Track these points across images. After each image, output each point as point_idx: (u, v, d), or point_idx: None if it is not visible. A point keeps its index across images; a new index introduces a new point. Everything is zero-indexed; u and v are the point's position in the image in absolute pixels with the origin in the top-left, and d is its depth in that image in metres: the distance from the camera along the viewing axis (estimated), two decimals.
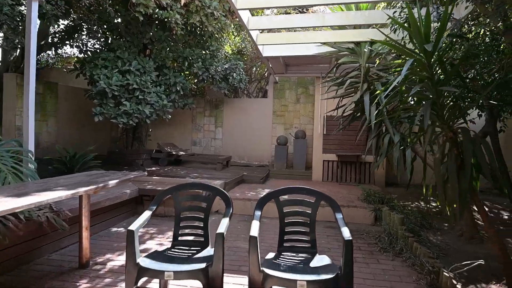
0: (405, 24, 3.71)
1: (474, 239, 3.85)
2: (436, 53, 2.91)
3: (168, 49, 7.13)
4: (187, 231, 2.61)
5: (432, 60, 2.90)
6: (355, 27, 4.94)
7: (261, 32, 5.48)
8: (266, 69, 10.16)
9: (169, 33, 6.87)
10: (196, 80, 8.97)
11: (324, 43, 5.21)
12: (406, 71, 2.82)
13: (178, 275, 2.01)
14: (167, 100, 6.68)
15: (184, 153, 8.68)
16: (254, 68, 10.58)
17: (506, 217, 4.89)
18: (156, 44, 6.95)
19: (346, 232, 2.06)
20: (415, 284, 2.85)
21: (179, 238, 2.50)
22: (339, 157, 7.31)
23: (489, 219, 2.83)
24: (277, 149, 8.04)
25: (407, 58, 3.41)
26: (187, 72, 8.37)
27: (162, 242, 3.85)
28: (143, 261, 2.05)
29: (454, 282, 2.56)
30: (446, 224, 4.49)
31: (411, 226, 3.87)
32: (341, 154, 7.24)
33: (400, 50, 2.99)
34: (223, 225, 2.14)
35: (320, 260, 2.24)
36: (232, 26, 7.81)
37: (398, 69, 4.50)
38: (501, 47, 3.66)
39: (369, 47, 5.00)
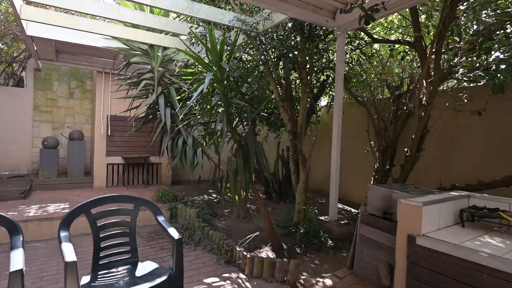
0: (203, 41, 4.19)
1: (246, 218, 4.98)
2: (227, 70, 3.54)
3: None
4: None
5: (225, 76, 3.50)
6: (148, 29, 4.94)
7: (26, 3, 4.27)
8: (22, 50, 7.83)
9: None
10: None
11: (115, 38, 4.81)
12: (208, 83, 3.22)
13: None
14: None
15: None
16: (1, 45, 7.81)
17: (261, 195, 6.61)
18: None
19: (173, 232, 2.13)
20: (216, 264, 3.34)
21: None
22: (125, 159, 6.95)
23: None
24: (43, 153, 6.43)
25: (204, 71, 3.88)
26: None
27: None
28: None
29: (244, 253, 3.25)
30: (226, 211, 5.47)
31: (206, 217, 4.42)
32: (128, 156, 6.93)
33: (202, 64, 3.38)
34: (18, 258, 1.58)
35: (146, 266, 2.16)
36: None
37: (190, 77, 5.00)
38: (260, 73, 4.97)
39: (162, 52, 5.17)
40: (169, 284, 1.93)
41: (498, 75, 2.34)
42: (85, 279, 1.94)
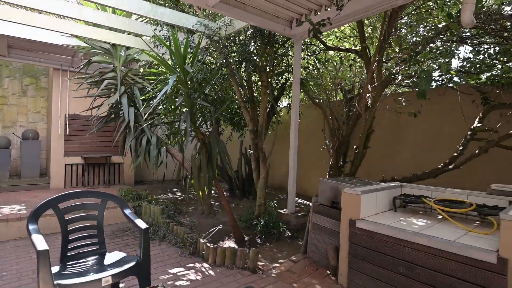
0: (167, 43, 4.32)
1: (210, 214, 5.18)
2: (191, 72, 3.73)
3: None
4: None
5: (188, 78, 3.70)
6: (110, 28, 4.94)
7: None
8: None
9: None
10: None
11: (76, 36, 4.76)
12: (172, 84, 3.39)
13: None
14: None
15: None
16: None
17: (225, 193, 6.83)
18: None
19: (141, 223, 2.30)
20: (181, 256, 3.52)
21: None
22: (85, 159, 6.79)
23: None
24: None
25: (168, 72, 4.02)
26: None
27: None
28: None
29: (208, 244, 3.48)
30: (190, 208, 5.63)
31: (171, 214, 4.56)
32: (88, 156, 6.78)
33: (166, 66, 3.54)
34: None
35: (114, 256, 2.31)
36: None
37: (154, 77, 5.10)
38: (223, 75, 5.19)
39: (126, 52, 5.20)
40: (137, 269, 2.11)
41: (420, 83, 2.82)
42: (55, 269, 2.05)
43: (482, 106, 3.94)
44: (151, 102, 4.29)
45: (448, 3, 4.05)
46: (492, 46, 4.07)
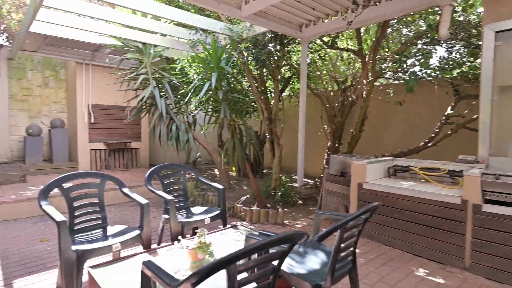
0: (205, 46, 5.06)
1: (230, 189, 6.09)
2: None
3: None
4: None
5: (222, 76, 4.51)
6: (139, 29, 5.61)
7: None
8: None
9: None
10: None
11: (113, 37, 5.41)
12: (214, 82, 4.20)
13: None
14: None
15: None
16: None
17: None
18: None
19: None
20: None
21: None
22: (108, 145, 7.47)
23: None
24: (28, 141, 6.65)
25: (201, 69, 4.77)
26: None
27: None
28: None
29: (245, 208, 4.41)
30: None
31: (202, 187, 5.45)
32: (110, 142, 7.46)
33: (206, 66, 4.34)
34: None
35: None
36: None
37: (177, 72, 5.82)
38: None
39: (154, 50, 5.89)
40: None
41: (409, 81, 3.80)
42: None
43: (454, 97, 4.99)
44: (186, 94, 5.04)
45: (427, 15, 5.02)
46: (462, 47, 5.08)
